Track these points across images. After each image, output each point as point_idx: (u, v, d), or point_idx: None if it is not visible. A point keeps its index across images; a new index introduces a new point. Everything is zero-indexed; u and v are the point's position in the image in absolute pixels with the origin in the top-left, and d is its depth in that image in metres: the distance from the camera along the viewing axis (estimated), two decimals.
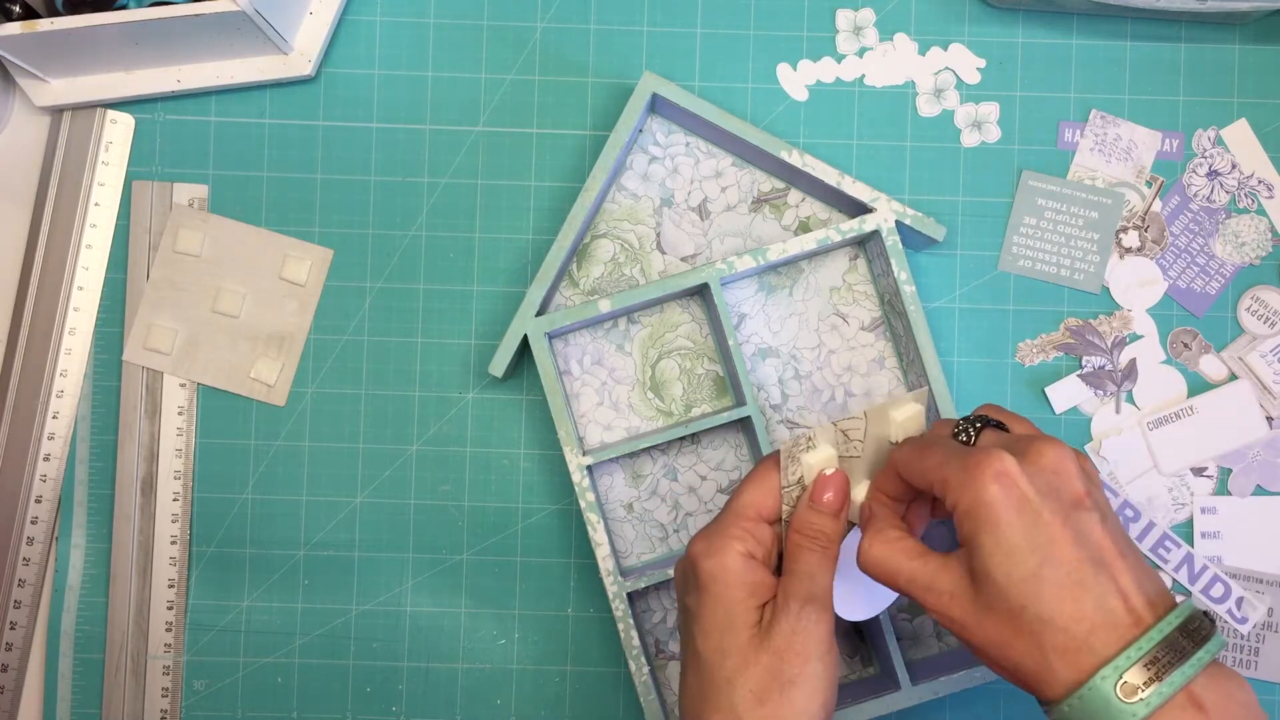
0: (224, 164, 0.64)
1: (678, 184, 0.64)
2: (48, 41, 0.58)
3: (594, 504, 0.59)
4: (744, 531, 0.50)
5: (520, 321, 0.60)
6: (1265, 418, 0.63)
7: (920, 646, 0.63)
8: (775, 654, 0.48)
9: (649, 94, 0.60)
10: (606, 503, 0.63)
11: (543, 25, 0.64)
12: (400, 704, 0.64)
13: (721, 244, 0.64)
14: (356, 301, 0.64)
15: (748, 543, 0.50)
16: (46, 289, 0.64)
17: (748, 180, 0.64)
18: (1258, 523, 0.63)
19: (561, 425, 0.59)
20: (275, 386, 0.64)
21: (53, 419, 0.64)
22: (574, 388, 0.63)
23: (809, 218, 0.64)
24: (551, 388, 0.59)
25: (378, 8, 0.64)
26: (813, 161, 0.60)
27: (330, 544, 0.64)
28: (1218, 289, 0.64)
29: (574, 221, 0.60)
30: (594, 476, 0.62)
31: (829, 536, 0.50)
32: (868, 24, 0.64)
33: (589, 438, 0.64)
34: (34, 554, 0.64)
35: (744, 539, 0.50)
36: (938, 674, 0.59)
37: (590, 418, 0.63)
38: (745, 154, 0.63)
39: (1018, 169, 0.64)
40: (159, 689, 0.64)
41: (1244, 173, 0.64)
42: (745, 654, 0.48)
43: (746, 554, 0.50)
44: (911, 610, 0.63)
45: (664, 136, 0.64)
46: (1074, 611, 0.42)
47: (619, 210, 0.64)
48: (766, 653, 0.48)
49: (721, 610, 0.49)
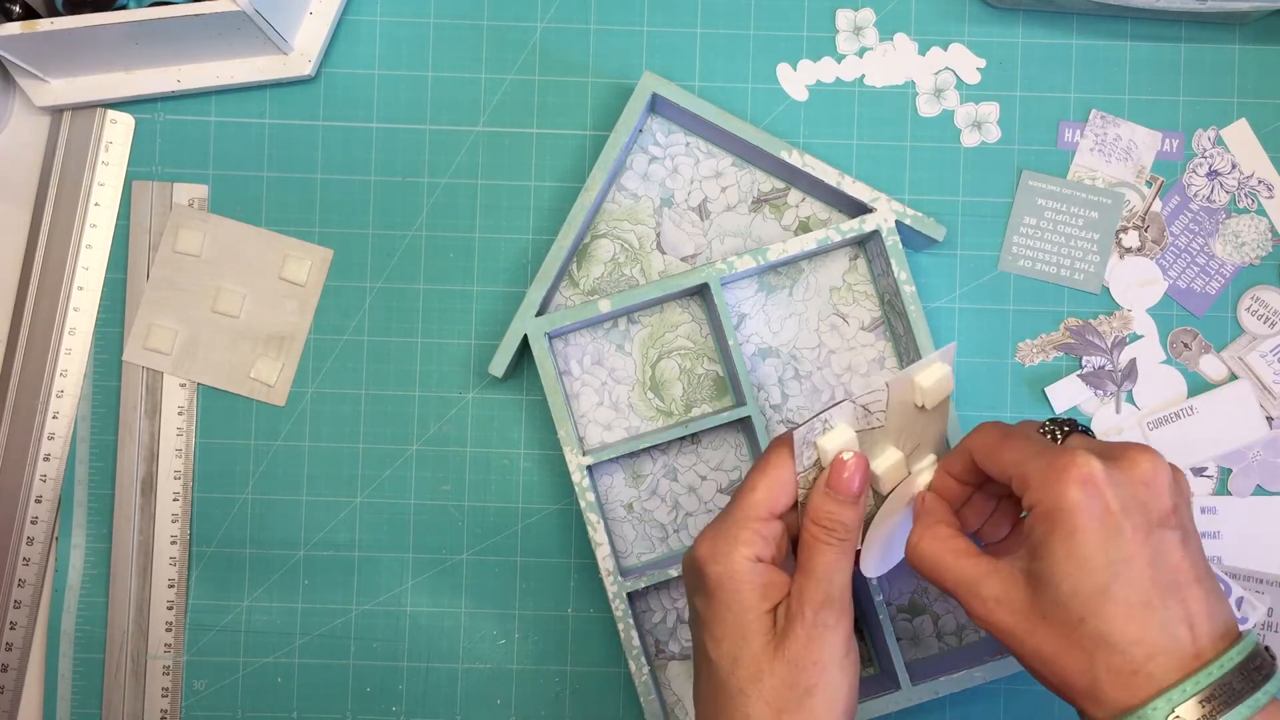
0: (224, 164, 0.64)
1: (678, 184, 0.64)
2: (48, 41, 0.58)
3: (594, 504, 0.59)
4: (753, 534, 0.47)
5: (520, 321, 0.60)
6: (1265, 418, 0.63)
7: (920, 646, 0.63)
8: (790, 663, 0.45)
9: (649, 94, 0.60)
10: (607, 503, 0.63)
11: (543, 25, 0.64)
12: (400, 704, 0.64)
13: (721, 244, 0.64)
14: (356, 301, 0.64)
15: (756, 545, 0.47)
16: (46, 289, 0.64)
17: (748, 180, 0.64)
18: (1258, 523, 0.63)
19: (561, 425, 0.59)
20: (275, 386, 0.64)
21: (53, 419, 0.64)
22: (574, 388, 0.63)
23: (809, 218, 0.64)
24: (552, 388, 0.59)
25: (378, 8, 0.64)
26: (813, 161, 0.60)
27: (330, 544, 0.64)
28: (1218, 289, 0.64)
29: (574, 221, 0.60)
30: (594, 476, 0.62)
31: (847, 527, 0.47)
32: (868, 24, 0.64)
33: (589, 438, 0.64)
34: (34, 554, 0.64)
35: (752, 542, 0.47)
36: (938, 674, 0.59)
37: (590, 418, 0.63)
38: (745, 154, 0.63)
39: (1018, 169, 0.64)
40: (159, 689, 0.64)
41: (1244, 173, 0.64)
42: (759, 663, 0.45)
43: (754, 558, 0.47)
44: (911, 610, 0.63)
45: (664, 136, 0.64)
46: (1137, 635, 0.40)
47: (619, 210, 0.64)
48: (781, 662, 0.45)
49: (731, 616, 0.46)
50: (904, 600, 0.63)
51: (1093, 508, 0.41)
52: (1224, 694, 0.39)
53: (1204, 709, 0.39)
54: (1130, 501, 0.41)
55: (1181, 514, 0.42)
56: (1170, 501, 0.42)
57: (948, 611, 0.63)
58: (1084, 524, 0.41)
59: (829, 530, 0.47)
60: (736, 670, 0.46)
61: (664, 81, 0.60)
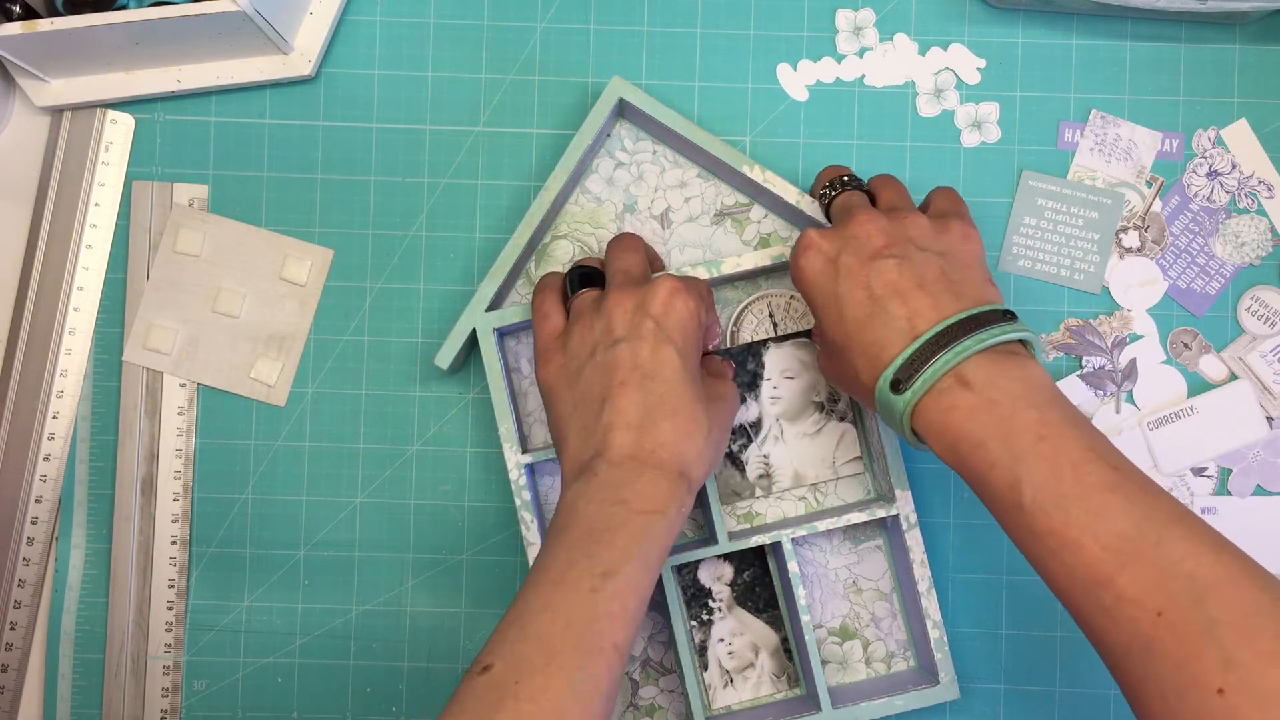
0: (224, 164, 0.64)
1: (642, 191, 0.64)
2: (48, 41, 0.58)
3: (529, 503, 0.59)
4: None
5: (469, 316, 0.60)
6: (1265, 418, 0.63)
7: (848, 671, 0.63)
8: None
9: (616, 98, 0.60)
10: (547, 503, 0.63)
11: (543, 25, 0.64)
12: (400, 704, 0.64)
13: (682, 254, 0.64)
14: (356, 301, 0.64)
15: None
16: (46, 289, 0.64)
17: (712, 193, 0.64)
18: (1258, 523, 0.63)
19: (503, 422, 0.59)
20: (275, 386, 0.64)
21: (53, 419, 0.64)
22: (522, 385, 0.63)
23: (770, 234, 0.64)
24: (495, 384, 0.59)
25: (378, 8, 0.64)
26: (773, 178, 0.60)
27: (330, 544, 0.64)
28: (1218, 289, 0.64)
29: (531, 220, 0.60)
30: (534, 476, 0.62)
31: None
32: (868, 24, 0.64)
33: (533, 437, 0.63)
34: (34, 554, 0.64)
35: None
36: (860, 699, 0.59)
37: (536, 416, 0.63)
38: (711, 166, 0.63)
39: (1018, 169, 0.64)
40: (159, 689, 0.64)
41: (1244, 173, 0.64)
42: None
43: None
44: (842, 634, 0.63)
45: (632, 143, 0.64)
46: (870, 338, 0.51)
47: (581, 212, 0.64)
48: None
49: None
50: (835, 624, 0.63)
51: (815, 263, 0.53)
52: (929, 351, 0.49)
53: (911, 367, 0.49)
54: (843, 248, 0.53)
55: (898, 248, 0.52)
56: (882, 241, 0.52)
57: (878, 638, 0.63)
58: (811, 278, 0.53)
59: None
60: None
61: (631, 87, 0.60)
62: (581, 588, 0.47)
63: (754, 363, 0.63)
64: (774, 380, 0.63)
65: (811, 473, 0.63)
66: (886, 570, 0.63)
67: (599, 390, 0.52)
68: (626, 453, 0.50)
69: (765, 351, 0.63)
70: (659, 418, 0.51)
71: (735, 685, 0.62)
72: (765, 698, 0.62)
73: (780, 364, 0.63)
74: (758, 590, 0.63)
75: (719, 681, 0.62)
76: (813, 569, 0.63)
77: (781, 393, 0.63)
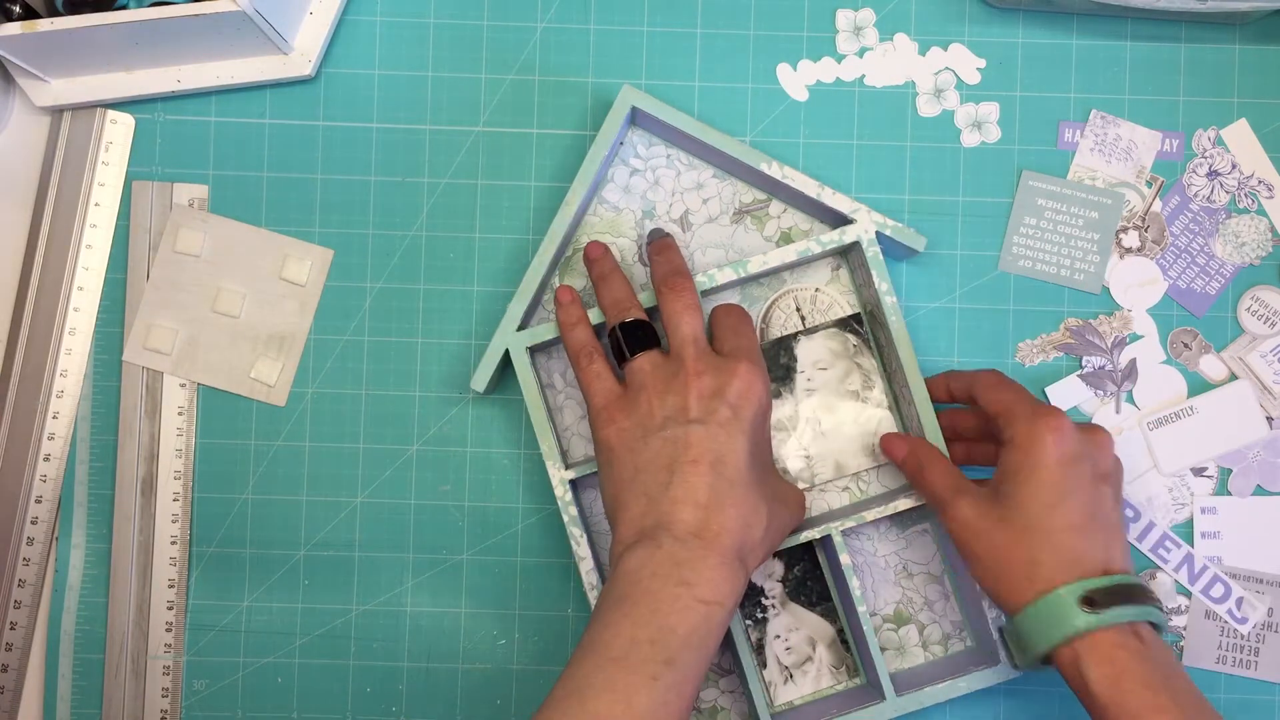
0: (224, 164, 0.64)
1: (659, 196, 0.64)
2: (48, 41, 0.58)
3: (576, 518, 0.59)
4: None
5: (501, 337, 0.60)
6: (1265, 418, 0.63)
7: (905, 657, 0.63)
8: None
9: (629, 107, 0.60)
10: (591, 515, 0.63)
11: (543, 25, 0.64)
12: (400, 704, 0.64)
13: (704, 255, 0.64)
14: (356, 301, 0.64)
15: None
16: (46, 289, 0.64)
17: (729, 192, 0.64)
18: (1258, 523, 0.63)
19: (544, 439, 0.59)
20: (275, 386, 0.64)
21: (53, 419, 0.64)
22: (557, 401, 0.63)
23: (791, 229, 0.64)
24: (534, 402, 0.59)
25: (378, 8, 0.64)
26: (792, 173, 0.60)
27: (330, 544, 0.64)
28: (1218, 289, 0.64)
29: (554, 236, 0.60)
30: (578, 490, 0.62)
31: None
32: (868, 24, 0.64)
33: (573, 451, 0.63)
34: (34, 554, 0.64)
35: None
36: (923, 684, 0.59)
37: (574, 431, 0.63)
38: (726, 166, 0.63)
39: (1018, 169, 0.64)
40: (159, 689, 0.64)
41: (1244, 173, 0.64)
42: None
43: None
44: (896, 620, 0.63)
45: (645, 149, 0.64)
46: (1072, 541, 0.52)
47: (600, 223, 0.64)
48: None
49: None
50: (889, 610, 0.63)
51: (1057, 449, 0.53)
52: (1123, 594, 0.51)
53: (1110, 598, 0.50)
54: (1085, 455, 0.53)
55: (1116, 480, 0.55)
56: (1111, 466, 0.55)
57: (933, 621, 0.63)
58: (1049, 459, 0.52)
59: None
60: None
61: (643, 95, 0.60)
62: (644, 673, 0.48)
63: (786, 356, 0.63)
64: (807, 372, 0.63)
65: (853, 462, 0.63)
66: (935, 553, 0.63)
67: (667, 460, 0.52)
68: (691, 530, 0.51)
69: (796, 344, 0.63)
70: (726, 503, 0.52)
71: (795, 680, 0.63)
72: (826, 690, 0.63)
73: (812, 355, 0.63)
74: (809, 584, 0.63)
75: (779, 678, 0.63)
76: (862, 558, 0.63)
77: (816, 384, 0.63)
